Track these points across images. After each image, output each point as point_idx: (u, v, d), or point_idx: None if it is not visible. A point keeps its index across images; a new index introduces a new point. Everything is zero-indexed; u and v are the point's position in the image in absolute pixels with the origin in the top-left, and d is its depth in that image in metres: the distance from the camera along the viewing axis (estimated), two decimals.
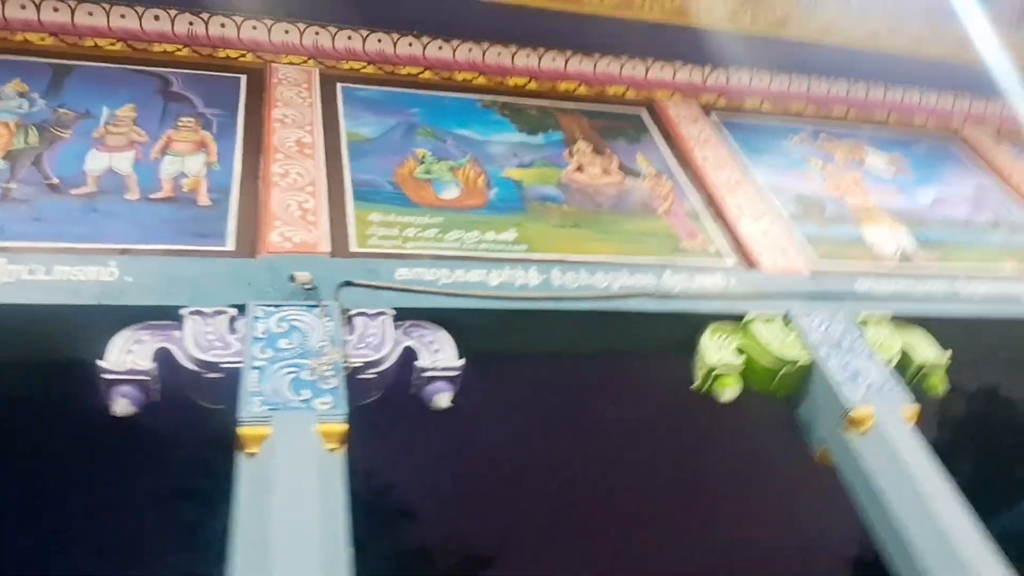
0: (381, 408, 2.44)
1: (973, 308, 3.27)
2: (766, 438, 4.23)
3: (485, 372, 2.59)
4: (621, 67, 4.02)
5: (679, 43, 3.96)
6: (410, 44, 3.69)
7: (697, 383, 2.82)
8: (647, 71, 4.08)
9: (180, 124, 3.05)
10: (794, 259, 3.24)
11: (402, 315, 2.50)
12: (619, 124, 3.83)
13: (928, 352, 2.99)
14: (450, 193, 3.13)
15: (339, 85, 3.47)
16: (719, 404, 2.80)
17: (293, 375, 2.17)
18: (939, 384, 2.95)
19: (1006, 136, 4.67)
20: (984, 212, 3.94)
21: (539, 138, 3.57)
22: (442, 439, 5.48)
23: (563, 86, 3.91)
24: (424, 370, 2.41)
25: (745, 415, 3.20)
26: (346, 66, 3.59)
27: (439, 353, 2.47)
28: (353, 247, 2.75)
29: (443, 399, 2.40)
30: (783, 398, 2.88)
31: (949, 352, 2.97)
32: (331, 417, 2.10)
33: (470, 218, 3.03)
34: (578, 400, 6.53)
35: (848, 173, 3.93)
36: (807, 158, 3.96)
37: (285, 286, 2.44)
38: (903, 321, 3.09)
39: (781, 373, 2.79)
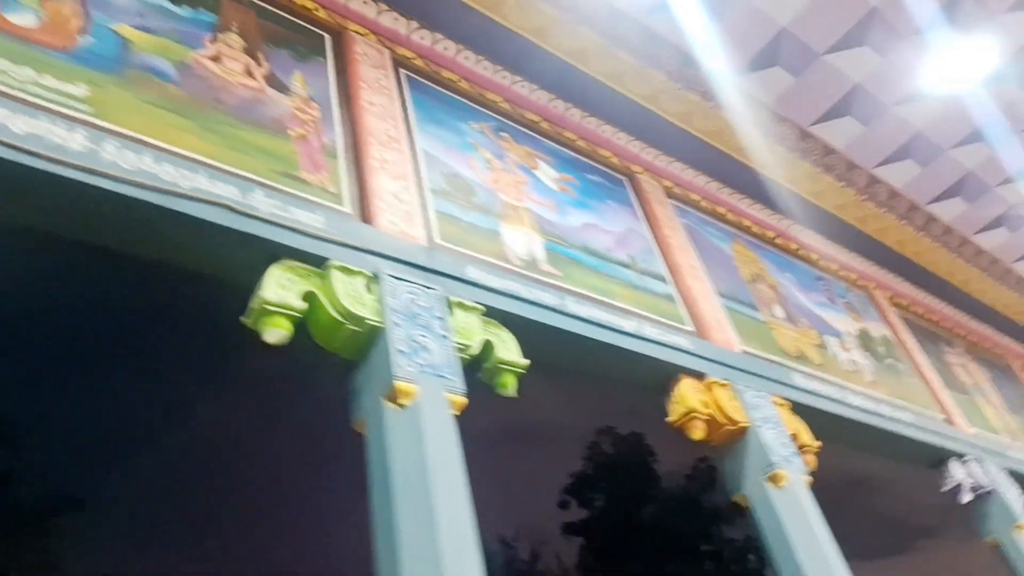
0: None
1: (570, 323, 3.29)
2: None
3: None
4: None
5: None
6: None
7: (246, 315, 2.47)
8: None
9: None
10: (415, 227, 3.03)
11: None
12: (293, 37, 3.41)
13: (510, 352, 2.93)
14: (22, 18, 2.49)
15: None
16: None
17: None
18: (509, 383, 2.89)
19: (675, 196, 4.98)
20: (623, 249, 4.08)
21: (184, 10, 3.04)
22: None
23: None
24: None
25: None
26: None
27: None
28: None
29: None
30: (348, 359, 2.63)
31: (527, 362, 2.94)
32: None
33: (33, 53, 2.42)
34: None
35: (513, 174, 3.87)
36: (479, 146, 3.84)
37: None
38: (498, 317, 3.02)
39: (345, 330, 2.53)
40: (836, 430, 4.48)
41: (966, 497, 4.99)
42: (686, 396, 3.51)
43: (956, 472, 5.04)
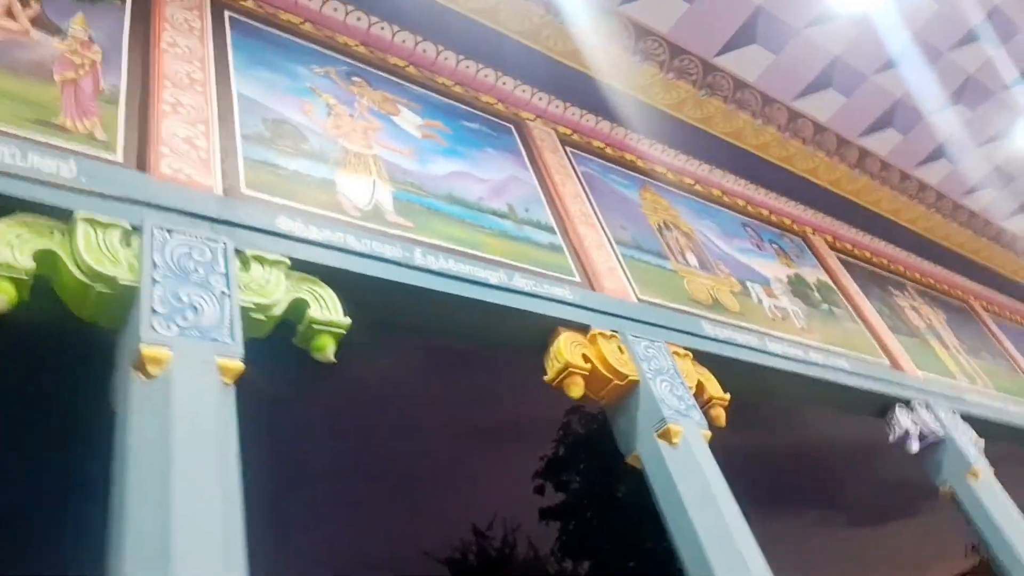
0: None
1: (418, 277, 2.89)
2: None
3: None
4: None
5: None
6: None
7: None
8: None
9: None
10: (210, 175, 2.60)
11: None
12: None
13: (327, 312, 2.52)
14: None
15: None
16: None
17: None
18: (326, 346, 2.48)
19: (573, 144, 4.58)
20: (501, 199, 3.68)
21: None
22: None
23: None
24: None
25: None
26: None
27: None
28: None
29: None
30: (109, 329, 2.21)
31: (348, 321, 2.53)
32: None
33: None
34: None
35: (364, 120, 3.46)
36: (321, 91, 3.42)
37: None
38: (320, 273, 2.61)
39: (93, 292, 2.11)
40: (759, 381, 4.12)
41: (913, 446, 4.63)
42: (562, 351, 3.11)
43: (902, 419, 4.67)
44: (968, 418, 5.17)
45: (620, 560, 11.09)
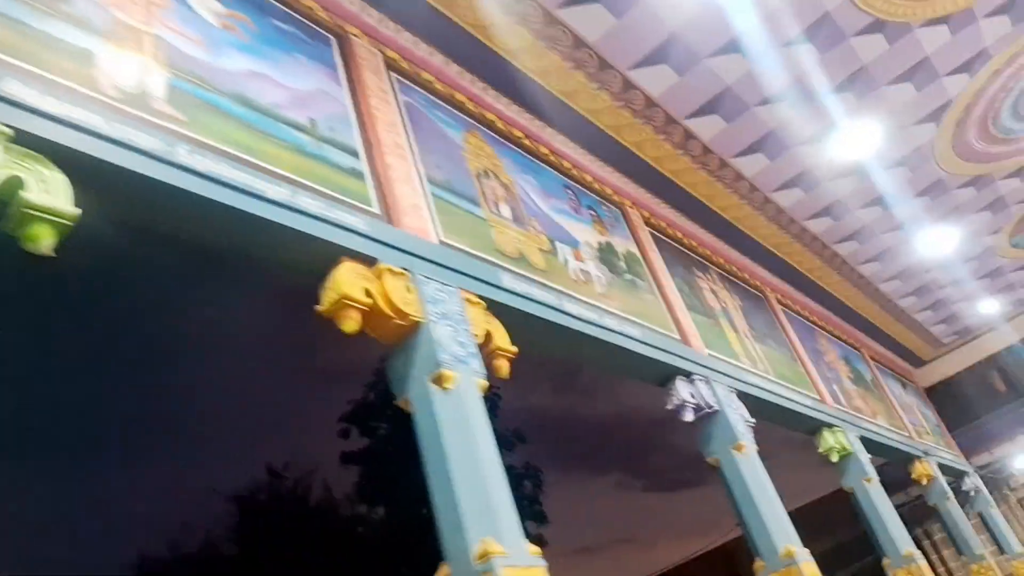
0: None
1: (178, 177, 2.55)
2: None
3: None
4: None
5: None
6: None
7: None
8: None
9: None
10: None
11: None
12: None
13: (47, 197, 2.14)
14: None
15: None
16: None
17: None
18: (40, 237, 2.12)
19: (400, 71, 4.31)
20: (303, 111, 3.36)
21: None
22: None
23: None
24: None
25: None
26: None
27: None
28: None
29: None
30: None
31: (75, 212, 2.17)
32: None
33: None
34: None
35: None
36: None
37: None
38: (58, 155, 2.23)
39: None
40: (552, 339, 4.12)
41: (688, 415, 4.86)
42: (340, 281, 2.89)
43: (681, 390, 4.89)
44: (744, 396, 5.53)
45: (414, 507, 11.13)
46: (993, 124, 7.24)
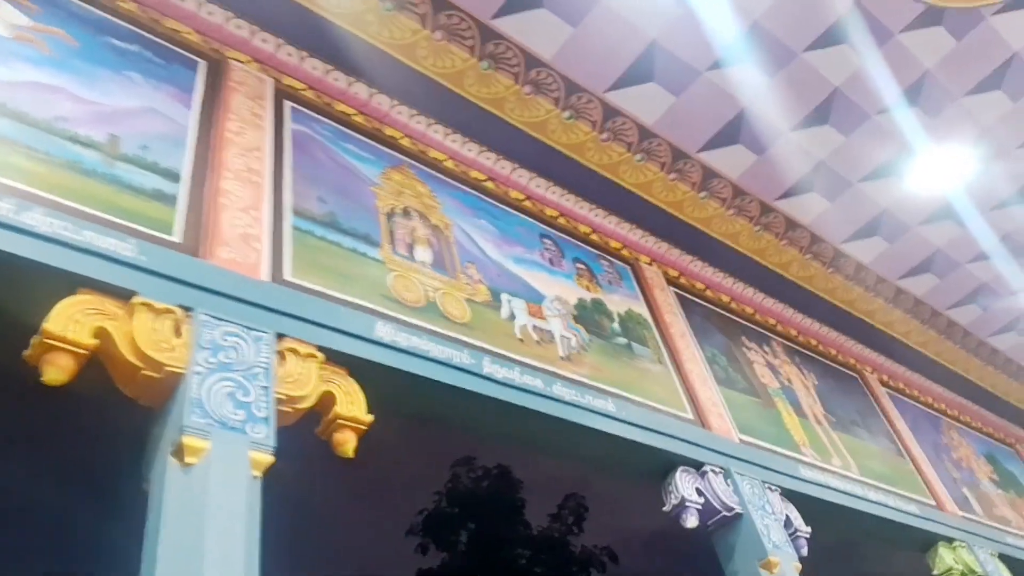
0: None
1: None
2: None
3: None
4: None
5: None
6: None
7: None
8: None
9: None
10: None
11: None
12: None
13: None
14: None
15: None
16: None
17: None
18: None
19: (298, 101, 3.71)
20: (105, 127, 2.77)
21: None
22: None
23: None
24: None
25: None
26: None
27: None
28: None
29: None
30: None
31: None
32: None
33: None
34: None
35: None
36: None
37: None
38: None
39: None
40: (459, 407, 3.15)
41: (691, 520, 3.61)
42: (55, 315, 2.13)
43: (682, 485, 3.67)
44: (800, 498, 4.19)
45: None
46: None
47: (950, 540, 5.22)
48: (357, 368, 2.73)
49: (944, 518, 5.44)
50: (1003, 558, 5.49)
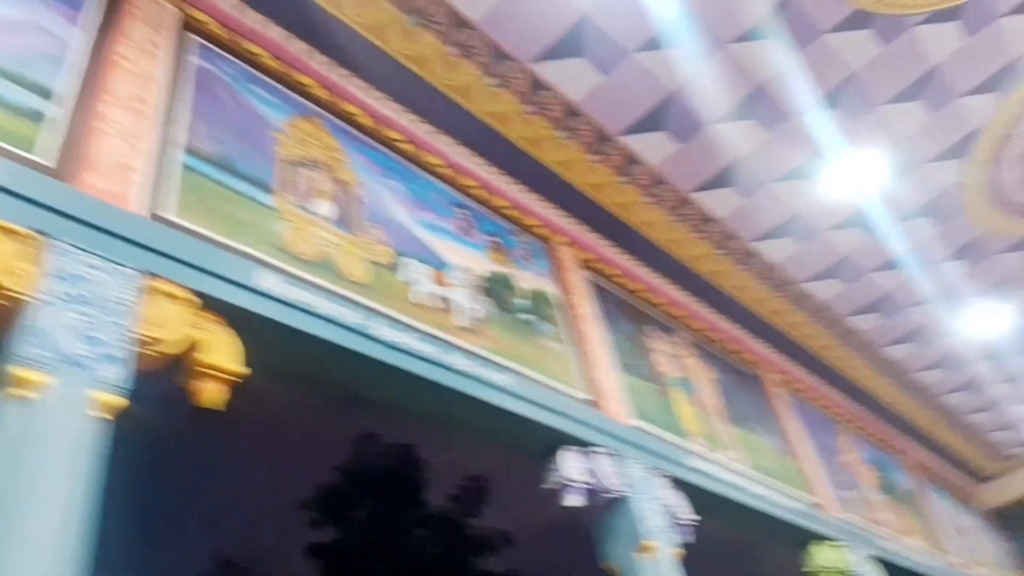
0: None
1: None
2: None
3: None
4: None
5: None
6: None
7: None
8: None
9: None
10: None
11: None
12: None
13: None
14: None
15: None
16: None
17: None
18: None
19: (204, 35, 3.50)
20: None
21: None
22: None
23: None
24: None
25: None
26: None
27: None
28: None
29: None
30: None
31: None
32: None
33: None
34: None
35: None
36: None
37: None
38: None
39: None
40: (341, 367, 3.04)
41: (574, 498, 3.61)
42: None
43: (567, 464, 3.66)
44: (686, 487, 4.25)
45: None
46: None
47: (829, 539, 5.41)
48: (237, 318, 2.59)
49: (825, 518, 5.64)
50: (880, 561, 5.73)
